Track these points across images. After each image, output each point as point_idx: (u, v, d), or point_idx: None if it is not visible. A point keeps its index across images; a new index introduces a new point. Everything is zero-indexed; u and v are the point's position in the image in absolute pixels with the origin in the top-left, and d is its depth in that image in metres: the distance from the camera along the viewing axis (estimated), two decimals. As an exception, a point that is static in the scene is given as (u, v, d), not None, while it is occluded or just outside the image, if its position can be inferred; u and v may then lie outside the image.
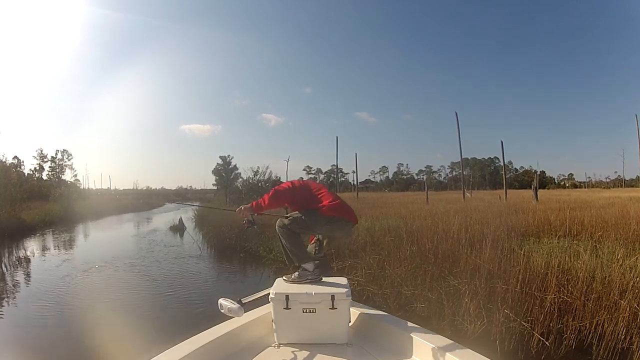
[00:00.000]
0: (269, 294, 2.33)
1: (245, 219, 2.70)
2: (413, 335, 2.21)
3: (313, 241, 2.87)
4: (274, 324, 2.34)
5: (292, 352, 2.24)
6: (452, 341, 2.14)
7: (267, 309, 2.47)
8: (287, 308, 2.26)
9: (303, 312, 2.28)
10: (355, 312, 2.58)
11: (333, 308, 2.25)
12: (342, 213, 2.77)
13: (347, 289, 2.33)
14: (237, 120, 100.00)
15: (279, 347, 2.31)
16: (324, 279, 2.59)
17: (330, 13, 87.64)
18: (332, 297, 2.26)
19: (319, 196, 2.76)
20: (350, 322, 2.36)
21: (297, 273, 2.57)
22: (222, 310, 2.33)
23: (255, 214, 2.70)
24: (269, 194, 2.66)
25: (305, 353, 2.21)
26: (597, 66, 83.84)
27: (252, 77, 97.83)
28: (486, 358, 1.90)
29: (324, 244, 2.89)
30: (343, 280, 2.54)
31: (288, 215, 2.75)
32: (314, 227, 2.74)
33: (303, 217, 2.66)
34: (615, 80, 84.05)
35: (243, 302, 2.43)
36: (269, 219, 3.06)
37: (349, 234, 3.14)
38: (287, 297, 2.27)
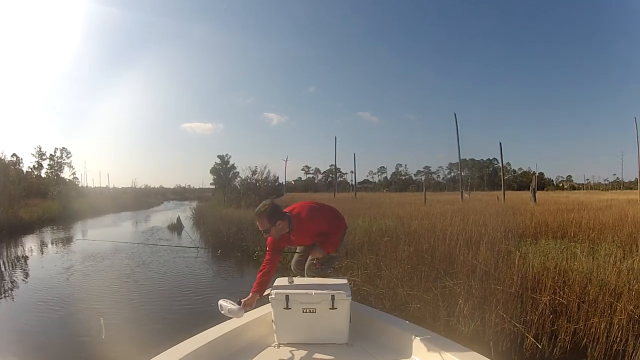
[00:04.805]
0: (269, 294, 2.34)
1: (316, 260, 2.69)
2: (413, 336, 2.21)
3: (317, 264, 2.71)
4: (274, 324, 2.35)
5: (292, 352, 2.24)
6: (452, 341, 2.14)
7: (267, 309, 2.47)
8: (287, 308, 2.27)
9: (303, 312, 2.29)
10: (355, 312, 2.58)
11: (333, 308, 2.26)
12: (344, 223, 2.80)
13: (347, 289, 2.33)
14: (240, 118, 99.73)
15: (279, 347, 2.32)
16: (324, 279, 2.60)
17: (331, 13, 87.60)
18: (332, 297, 2.26)
19: (332, 218, 2.74)
20: (350, 322, 2.37)
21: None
22: (222, 312, 2.32)
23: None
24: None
25: (305, 353, 2.22)
26: (597, 68, 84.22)
27: (257, 75, 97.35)
28: (486, 358, 1.91)
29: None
30: (343, 280, 2.56)
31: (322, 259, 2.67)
32: (340, 253, 2.82)
33: (330, 254, 2.68)
34: (615, 82, 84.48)
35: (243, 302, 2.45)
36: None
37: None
38: (287, 297, 2.27)
